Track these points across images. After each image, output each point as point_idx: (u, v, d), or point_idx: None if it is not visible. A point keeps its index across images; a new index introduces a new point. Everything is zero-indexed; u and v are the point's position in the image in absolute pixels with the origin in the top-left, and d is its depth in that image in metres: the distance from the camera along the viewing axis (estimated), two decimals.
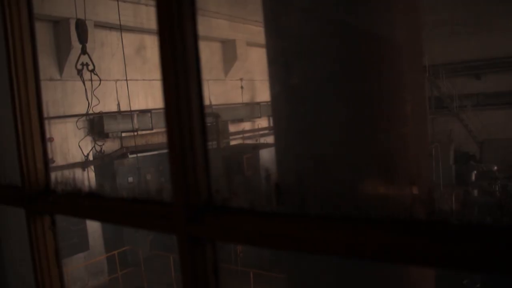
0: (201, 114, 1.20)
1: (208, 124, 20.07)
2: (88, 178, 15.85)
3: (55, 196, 1.77)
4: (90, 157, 15.86)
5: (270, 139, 24.75)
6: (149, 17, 16.96)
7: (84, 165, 15.67)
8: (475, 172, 22.01)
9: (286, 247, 1.08)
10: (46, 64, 14.62)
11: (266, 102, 24.37)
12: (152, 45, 18.41)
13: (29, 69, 1.90)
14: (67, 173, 14.61)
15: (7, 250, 2.64)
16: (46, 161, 1.85)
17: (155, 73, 18.60)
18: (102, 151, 15.97)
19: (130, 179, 18.35)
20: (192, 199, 1.22)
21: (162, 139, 19.68)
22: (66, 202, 1.70)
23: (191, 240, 1.22)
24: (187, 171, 1.20)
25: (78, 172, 15.44)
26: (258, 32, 22.66)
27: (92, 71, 13.76)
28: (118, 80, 16.53)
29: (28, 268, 1.95)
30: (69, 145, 15.35)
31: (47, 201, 1.77)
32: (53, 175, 1.85)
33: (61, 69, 15.08)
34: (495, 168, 21.54)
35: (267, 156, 17.97)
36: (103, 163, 16.59)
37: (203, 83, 1.22)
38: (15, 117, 1.84)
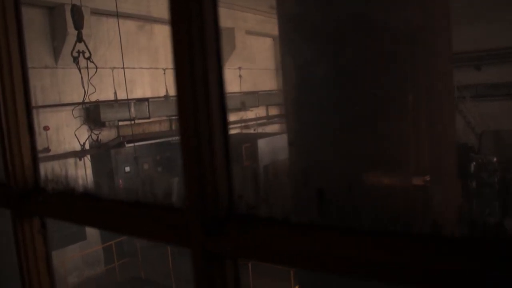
0: (221, 102, 0.98)
1: None
2: (85, 170, 15.60)
3: (45, 196, 1.54)
4: (87, 146, 15.61)
5: (268, 129, 24.55)
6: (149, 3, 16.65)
7: (80, 154, 15.41)
8: (474, 163, 21.86)
9: (332, 269, 0.86)
10: (42, 51, 14.31)
11: (265, 91, 24.12)
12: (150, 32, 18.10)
13: (14, 52, 1.66)
14: (58, 169, 14.36)
15: None
16: (35, 156, 1.62)
17: (154, 62, 18.32)
18: (99, 140, 15.72)
19: (127, 168, 18.11)
20: (210, 205, 0.99)
21: (160, 128, 19.44)
22: (58, 203, 1.47)
23: (208, 256, 1.00)
24: (204, 171, 0.98)
25: (71, 169, 15.18)
26: (257, 21, 22.36)
27: (88, 58, 13.46)
28: (114, 68, 16.22)
29: (17, 274, 1.73)
30: (65, 134, 15.08)
31: (36, 201, 1.54)
32: (43, 171, 1.61)
33: (56, 56, 14.76)
34: (495, 159, 21.39)
35: (265, 147, 17.77)
36: (99, 152, 16.34)
37: (223, 63, 0.99)
38: None
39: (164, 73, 18.73)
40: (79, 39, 13.34)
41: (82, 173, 15.56)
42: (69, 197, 1.41)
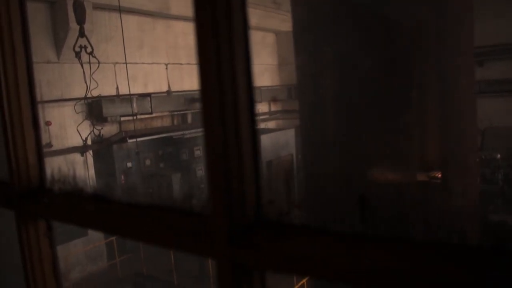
0: (249, 94, 0.87)
1: None
2: (87, 165, 15.51)
3: (51, 196, 1.44)
4: (89, 142, 15.53)
5: (271, 124, 24.43)
6: None
7: (82, 149, 15.33)
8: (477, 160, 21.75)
9: (380, 285, 0.76)
10: (43, 46, 14.19)
11: (267, 86, 23.98)
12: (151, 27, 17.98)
13: (18, 45, 1.55)
14: (65, 168, 14.27)
15: None
16: (40, 153, 1.52)
17: (156, 57, 18.21)
18: (101, 135, 15.65)
19: (129, 164, 18.01)
20: (237, 210, 0.89)
21: (162, 123, 19.32)
22: (65, 205, 1.37)
23: (235, 268, 0.90)
24: (231, 171, 0.88)
25: (73, 164, 15.08)
26: (260, 16, 22.21)
27: (91, 53, 13.36)
28: (117, 63, 16.11)
29: (20, 277, 1.63)
30: (67, 129, 14.99)
31: (42, 202, 1.44)
32: (49, 169, 1.51)
33: (58, 51, 14.64)
34: (498, 156, 21.27)
35: (270, 143, 17.67)
36: (101, 148, 16.25)
37: (251, 52, 0.88)
38: (0, 101, 1.50)
39: (166, 68, 18.62)
40: (81, 33, 13.24)
41: (84, 169, 15.47)
42: (78, 198, 1.31)
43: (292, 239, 0.88)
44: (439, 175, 2.27)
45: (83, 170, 15.44)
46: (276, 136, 18.15)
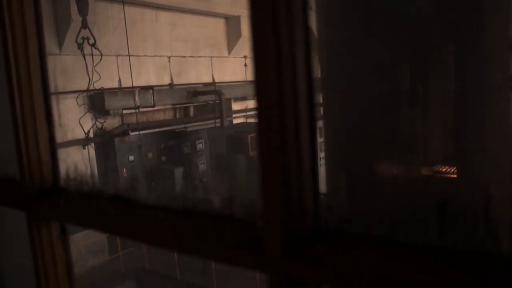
0: (309, 88, 0.75)
1: (211, 102, 19.59)
2: (88, 158, 15.39)
3: (66, 197, 1.31)
4: (91, 135, 15.41)
5: None
6: None
7: (84, 142, 15.21)
8: None
9: None
10: (45, 38, 14.02)
11: None
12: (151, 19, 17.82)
13: (31, 32, 1.42)
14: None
15: (3, 256, 2.17)
16: (54, 149, 1.39)
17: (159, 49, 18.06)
18: (103, 128, 15.52)
19: (131, 157, 17.88)
20: (294, 218, 0.77)
21: (164, 116, 19.17)
22: (82, 207, 1.24)
23: (292, 285, 0.77)
24: (289, 171, 0.75)
25: (75, 157, 14.96)
26: None
27: (93, 45, 13.21)
28: (119, 55, 15.96)
29: (32, 279, 1.51)
30: (69, 121, 14.85)
31: (56, 203, 1.31)
32: (63, 169, 1.38)
33: (60, 43, 14.48)
34: None
35: None
36: (103, 141, 16.12)
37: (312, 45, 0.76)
38: (11, 91, 1.36)
39: (169, 61, 18.47)
40: (84, 25, 13.08)
41: (86, 161, 15.36)
42: (96, 200, 1.18)
43: (357, 252, 0.75)
44: None
45: (85, 163, 15.32)
46: None
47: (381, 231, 0.76)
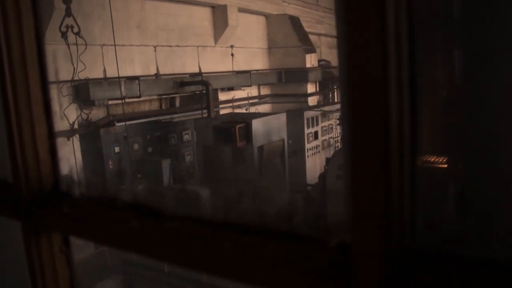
0: (412, 80, 0.56)
1: (197, 92, 19.30)
2: (73, 150, 15.06)
3: (69, 204, 1.10)
4: (76, 126, 15.08)
5: (261, 108, 24.09)
6: None
7: (69, 134, 14.88)
8: None
9: None
10: None
11: (257, 70, 23.56)
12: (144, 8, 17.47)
13: (27, 16, 1.20)
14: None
15: None
16: (53, 146, 1.18)
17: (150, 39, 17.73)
18: (89, 119, 15.20)
19: (117, 148, 17.57)
20: (392, 241, 0.58)
21: (150, 107, 18.84)
22: (92, 216, 1.03)
23: None
24: (390, 182, 0.57)
25: (61, 149, 14.63)
26: None
27: (77, 33, 12.87)
28: (104, 45, 15.61)
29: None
30: (53, 113, 14.48)
31: (58, 211, 1.10)
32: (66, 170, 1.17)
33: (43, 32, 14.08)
34: None
35: (261, 128, 17.38)
36: (88, 132, 15.79)
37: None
38: (2, 78, 1.14)
39: (155, 50, 18.15)
40: (68, 13, 12.73)
41: (71, 153, 15.03)
42: (111, 208, 0.98)
43: (477, 285, 0.57)
44: None
45: (69, 154, 14.99)
46: (268, 121, 17.86)
47: (503, 254, 0.58)
